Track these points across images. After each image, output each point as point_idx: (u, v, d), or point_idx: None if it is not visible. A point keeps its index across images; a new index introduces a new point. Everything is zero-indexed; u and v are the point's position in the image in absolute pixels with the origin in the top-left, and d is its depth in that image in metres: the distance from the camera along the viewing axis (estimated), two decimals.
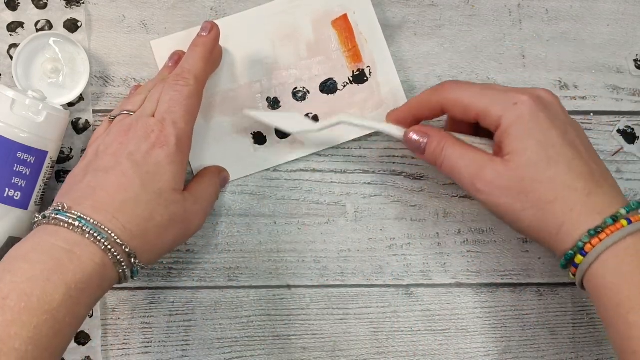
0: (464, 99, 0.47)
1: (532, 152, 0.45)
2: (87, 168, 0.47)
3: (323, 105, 0.56)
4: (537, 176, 0.45)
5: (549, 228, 0.45)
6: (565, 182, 0.45)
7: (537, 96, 0.47)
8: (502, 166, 0.46)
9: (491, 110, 0.46)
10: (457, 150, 0.48)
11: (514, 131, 0.46)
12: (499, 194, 0.46)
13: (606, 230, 0.43)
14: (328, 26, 0.56)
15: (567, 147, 0.45)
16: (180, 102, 0.48)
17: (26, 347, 0.39)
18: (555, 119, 0.46)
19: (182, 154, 0.48)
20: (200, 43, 0.52)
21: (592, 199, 0.44)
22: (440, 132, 0.49)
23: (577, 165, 0.45)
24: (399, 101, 0.56)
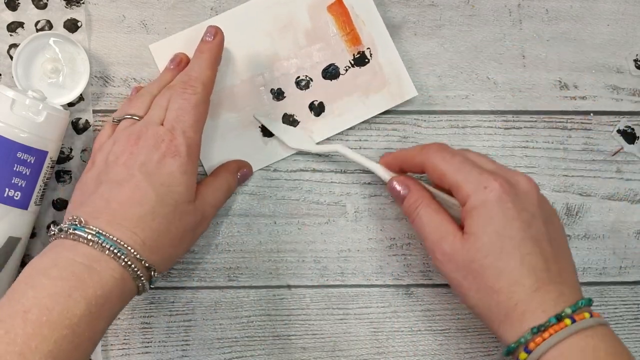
0: (441, 168, 0.48)
1: (488, 239, 0.45)
2: (99, 178, 0.47)
3: (327, 91, 0.56)
4: (488, 264, 0.45)
5: (492, 315, 0.46)
6: (514, 277, 0.45)
7: (510, 184, 0.46)
8: (459, 243, 0.46)
9: (462, 187, 0.46)
10: (428, 213, 0.48)
11: (476, 214, 0.46)
12: (451, 268, 0.47)
13: (549, 329, 0.43)
14: (324, 12, 0.56)
15: (526, 240, 0.45)
16: (188, 111, 0.48)
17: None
18: (523, 210, 0.46)
19: (192, 163, 0.48)
20: (206, 49, 0.52)
21: (539, 296, 0.44)
22: (420, 189, 0.50)
23: (530, 260, 0.45)
24: (402, 80, 0.56)
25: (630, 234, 0.58)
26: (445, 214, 0.48)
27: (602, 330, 0.44)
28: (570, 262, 0.47)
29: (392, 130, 0.57)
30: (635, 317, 0.58)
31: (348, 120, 0.56)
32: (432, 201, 0.49)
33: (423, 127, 0.57)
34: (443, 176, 0.47)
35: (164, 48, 0.55)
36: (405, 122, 0.57)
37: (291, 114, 0.56)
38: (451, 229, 0.47)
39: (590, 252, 0.58)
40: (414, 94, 0.56)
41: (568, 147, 0.58)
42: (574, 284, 0.46)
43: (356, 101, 0.56)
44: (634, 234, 0.58)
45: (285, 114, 0.56)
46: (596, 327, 0.44)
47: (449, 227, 0.47)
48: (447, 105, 0.57)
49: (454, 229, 0.47)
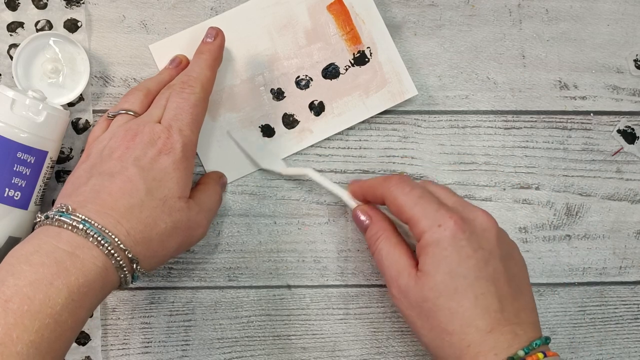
0: (399, 201, 0.47)
1: (440, 279, 0.45)
2: (92, 171, 0.47)
3: (327, 90, 0.56)
4: (440, 304, 0.45)
5: (444, 355, 0.45)
6: (466, 318, 0.44)
7: (467, 221, 0.46)
8: (413, 281, 0.46)
9: (418, 223, 0.46)
10: (387, 247, 0.48)
11: (430, 252, 0.45)
12: (406, 305, 0.47)
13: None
14: (324, 11, 0.56)
15: (480, 280, 0.45)
16: (186, 110, 0.48)
17: (28, 350, 0.39)
18: (479, 248, 0.45)
19: (187, 161, 0.48)
20: (206, 50, 0.52)
21: (493, 338, 0.44)
22: (382, 220, 0.50)
23: (484, 300, 0.44)
24: (402, 79, 0.56)
25: (630, 234, 0.58)
26: (404, 248, 0.48)
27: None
28: (530, 299, 0.47)
29: (392, 130, 0.57)
30: (635, 317, 0.58)
31: (348, 119, 0.56)
32: (392, 234, 0.49)
33: (423, 127, 0.57)
34: (401, 209, 0.47)
35: (164, 48, 0.55)
36: (405, 122, 0.57)
37: (291, 114, 0.56)
38: (407, 264, 0.47)
39: (590, 252, 0.58)
40: (414, 93, 0.56)
41: (568, 147, 0.58)
42: (531, 323, 0.46)
43: (356, 101, 0.56)
44: (634, 234, 0.58)
45: (285, 113, 0.56)
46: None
47: (406, 263, 0.47)
48: (447, 105, 0.57)
49: (410, 264, 0.47)
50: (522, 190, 0.57)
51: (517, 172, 0.57)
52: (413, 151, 0.57)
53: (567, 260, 0.57)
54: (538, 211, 0.57)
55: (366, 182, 0.51)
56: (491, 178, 0.57)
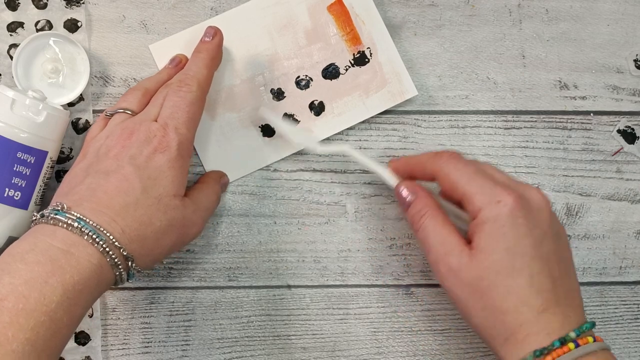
0: (453, 177, 0.47)
1: (498, 256, 0.44)
2: (88, 169, 0.47)
3: (327, 91, 0.56)
4: (496, 282, 0.44)
5: (495, 335, 0.45)
6: (522, 297, 0.44)
7: (524, 199, 0.45)
8: (467, 259, 0.45)
9: (474, 199, 0.45)
10: (434, 224, 0.47)
11: (487, 229, 0.45)
12: (457, 285, 0.46)
13: (553, 352, 0.43)
14: (324, 12, 0.56)
15: (536, 259, 0.44)
16: (182, 108, 0.49)
17: (23, 348, 0.39)
18: (535, 227, 0.45)
19: (183, 159, 0.48)
20: (203, 49, 0.52)
21: (545, 318, 0.44)
22: (428, 197, 0.48)
23: (539, 280, 0.44)
24: (402, 79, 0.56)
25: (630, 234, 0.58)
26: (452, 227, 0.47)
27: (604, 355, 0.44)
28: (576, 282, 0.47)
29: (392, 130, 0.57)
30: (635, 317, 0.58)
31: (348, 119, 0.56)
32: (439, 212, 0.48)
33: (423, 127, 0.57)
34: (454, 186, 0.46)
35: (164, 48, 0.55)
36: (405, 122, 0.57)
37: (291, 114, 0.56)
38: (458, 243, 0.46)
39: (590, 252, 0.58)
40: (414, 94, 0.56)
41: (568, 147, 0.58)
42: (578, 306, 0.46)
43: (356, 101, 0.56)
44: (634, 234, 0.58)
45: (285, 113, 0.56)
46: (599, 352, 0.43)
47: (456, 241, 0.46)
48: (447, 105, 0.57)
49: (461, 243, 0.46)
50: None
51: (517, 172, 0.57)
52: (413, 151, 0.57)
53: None
54: None
55: (413, 158, 0.50)
56: None
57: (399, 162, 0.51)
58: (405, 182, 0.50)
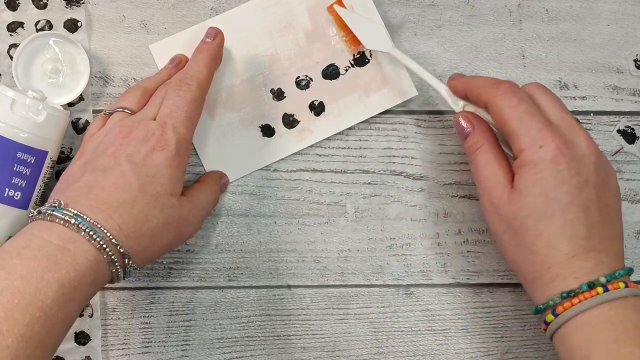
0: (504, 114, 0.47)
1: (533, 200, 0.45)
2: (85, 167, 0.47)
3: (327, 91, 0.56)
4: (527, 224, 0.45)
5: (526, 273, 0.46)
6: (552, 241, 0.45)
7: (569, 145, 0.45)
8: (506, 196, 0.46)
9: (518, 140, 0.46)
10: (486, 158, 0.48)
11: (526, 172, 0.45)
12: (495, 219, 0.47)
13: (580, 295, 0.43)
14: (324, 12, 0.56)
15: (572, 206, 0.45)
16: (181, 108, 0.49)
17: (18, 344, 0.39)
18: (575, 174, 0.45)
19: (180, 158, 0.48)
20: (204, 49, 0.52)
21: (575, 263, 0.44)
22: (485, 130, 0.49)
23: (573, 226, 0.45)
24: (402, 79, 0.56)
25: (630, 234, 0.58)
26: (503, 162, 0.48)
27: (636, 301, 0.44)
28: (619, 230, 0.47)
29: (392, 130, 0.57)
30: None
31: (348, 119, 0.56)
32: (493, 145, 0.48)
33: (423, 127, 0.57)
34: (505, 122, 0.47)
35: (164, 48, 0.55)
36: (405, 122, 0.57)
37: (291, 114, 0.56)
38: (503, 179, 0.47)
39: None
40: (414, 94, 0.56)
41: None
42: (615, 253, 0.46)
43: (356, 101, 0.56)
44: (634, 234, 0.58)
45: (285, 113, 0.56)
46: (629, 298, 0.43)
47: (502, 177, 0.47)
48: (447, 105, 0.57)
49: (506, 180, 0.47)
50: None
51: None
52: (413, 151, 0.57)
53: None
54: None
55: (472, 80, 0.50)
56: None
57: (459, 83, 0.51)
58: (464, 113, 0.50)
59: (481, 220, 0.57)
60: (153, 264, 0.55)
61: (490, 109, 0.48)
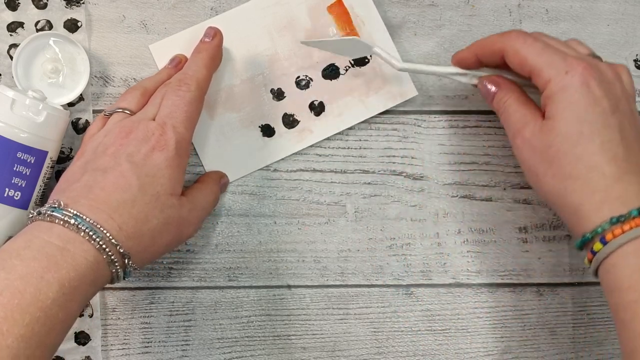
0: (523, 52, 0.47)
1: (567, 124, 0.44)
2: (85, 167, 0.47)
3: (327, 91, 0.56)
4: (565, 149, 0.44)
5: (567, 203, 0.44)
6: (593, 163, 0.43)
7: (596, 69, 0.45)
8: (538, 128, 0.46)
9: (543, 72, 0.46)
10: (516, 105, 0.48)
11: (556, 99, 0.45)
12: (528, 154, 0.46)
13: (630, 221, 0.42)
14: (324, 12, 0.56)
15: (607, 127, 0.44)
16: (181, 108, 0.49)
17: (18, 344, 0.39)
18: (605, 96, 0.44)
19: (180, 158, 0.48)
20: (203, 49, 0.52)
21: (620, 186, 0.43)
22: (509, 84, 0.49)
23: (612, 147, 0.43)
24: (402, 79, 0.56)
25: None
26: (532, 105, 0.47)
27: None
28: None
29: (392, 130, 0.57)
30: None
31: (348, 119, 0.56)
32: (520, 93, 0.48)
33: (423, 127, 0.57)
34: (524, 61, 0.46)
35: (164, 48, 0.55)
36: (405, 122, 0.57)
37: (291, 114, 0.56)
38: (533, 115, 0.46)
39: None
40: (413, 94, 0.56)
41: None
42: None
43: (356, 101, 0.56)
44: None
45: (285, 113, 0.56)
46: None
47: (532, 114, 0.46)
48: (447, 105, 0.57)
49: (537, 116, 0.46)
50: (522, 190, 0.57)
51: (517, 172, 0.57)
52: (413, 151, 0.57)
53: (567, 260, 0.57)
54: (538, 211, 0.57)
55: (479, 41, 0.50)
56: (491, 178, 0.57)
57: (465, 51, 0.51)
58: (487, 77, 0.50)
59: (481, 220, 0.57)
60: (153, 264, 0.55)
61: (506, 55, 0.48)
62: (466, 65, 0.51)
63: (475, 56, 0.50)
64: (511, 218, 0.57)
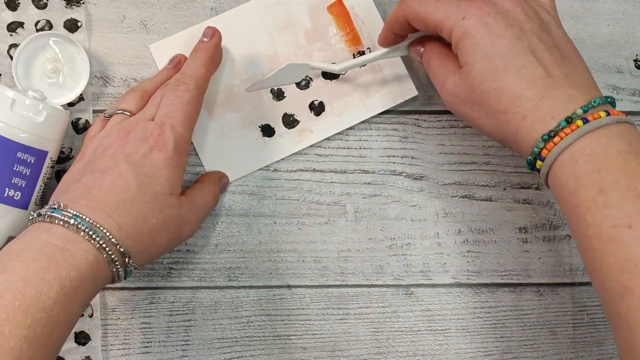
0: (420, 12, 0.47)
1: (480, 65, 0.45)
2: (85, 168, 0.47)
3: (327, 91, 0.56)
4: (486, 88, 0.45)
5: (506, 136, 0.46)
6: (515, 92, 0.44)
7: (487, 4, 0.46)
8: (458, 77, 0.47)
9: (443, 24, 0.46)
10: (437, 61, 0.49)
11: (462, 46, 0.46)
12: (458, 104, 0.47)
13: (560, 133, 0.43)
14: (324, 12, 0.56)
15: (518, 54, 0.45)
16: (179, 107, 0.49)
17: (21, 345, 0.39)
18: (508, 26, 0.45)
19: (179, 157, 0.48)
20: (201, 49, 0.52)
21: (546, 103, 0.44)
22: (432, 43, 0.50)
23: (528, 72, 0.44)
24: (402, 79, 0.56)
25: None
26: (451, 57, 0.48)
27: (619, 128, 0.43)
28: (580, 63, 0.46)
29: (392, 130, 0.57)
30: None
31: (348, 120, 0.56)
32: (441, 49, 0.49)
33: (423, 127, 0.57)
34: (426, 20, 0.47)
35: (164, 48, 0.55)
36: (405, 122, 0.57)
37: (291, 114, 0.56)
38: (453, 68, 0.47)
39: None
40: (414, 94, 0.56)
41: None
42: (586, 85, 0.45)
43: (356, 101, 0.56)
44: None
45: (285, 113, 0.56)
46: (612, 125, 0.43)
47: (452, 67, 0.48)
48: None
49: (455, 67, 0.47)
50: (522, 190, 0.57)
51: (517, 172, 0.57)
52: (413, 151, 0.57)
53: (567, 260, 0.57)
54: (538, 211, 0.57)
55: (387, 19, 0.51)
56: (491, 178, 0.57)
57: (382, 33, 0.52)
58: (413, 41, 0.52)
59: (481, 220, 0.57)
60: (153, 264, 0.55)
61: (410, 20, 0.48)
62: (390, 42, 0.52)
63: (392, 32, 0.51)
64: (511, 218, 0.57)
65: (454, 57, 0.48)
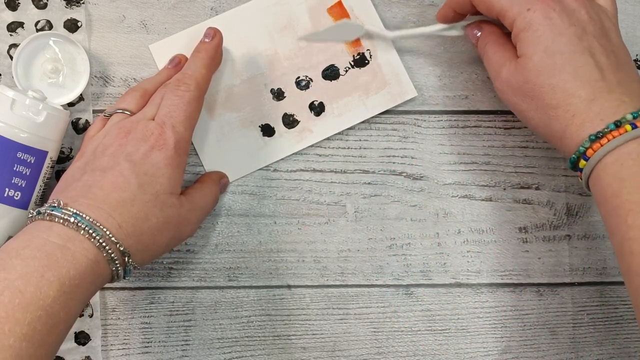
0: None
1: (538, 58, 0.46)
2: (85, 167, 0.47)
3: (327, 91, 0.56)
4: (541, 82, 0.46)
5: (553, 132, 0.47)
6: (568, 90, 0.45)
7: (556, 1, 0.47)
8: (514, 67, 0.48)
9: (507, 13, 0.47)
10: (494, 48, 0.50)
11: (523, 37, 0.47)
12: (510, 93, 0.48)
13: (608, 135, 0.44)
14: (324, 13, 0.56)
15: (577, 54, 0.46)
16: (180, 107, 0.49)
17: (20, 343, 0.39)
18: (570, 25, 0.46)
19: (179, 157, 0.48)
20: (202, 49, 0.52)
21: (597, 105, 0.45)
22: (490, 28, 0.51)
23: (584, 72, 0.45)
24: (401, 80, 0.56)
25: None
26: (509, 45, 0.49)
27: None
28: (632, 74, 0.47)
29: (392, 130, 0.57)
30: (635, 317, 0.58)
31: (348, 120, 0.56)
32: (499, 36, 0.50)
33: (423, 127, 0.57)
34: (489, 6, 0.48)
35: (164, 48, 0.55)
36: (405, 122, 0.57)
37: (291, 114, 0.56)
38: (510, 56, 0.48)
39: (590, 252, 0.58)
40: (413, 95, 0.56)
41: None
42: (637, 95, 0.46)
43: (356, 102, 0.56)
44: None
45: (285, 113, 0.56)
46: None
47: (508, 55, 0.48)
48: (447, 105, 0.57)
49: (512, 56, 0.48)
50: (522, 190, 0.57)
51: (517, 172, 0.57)
52: (413, 151, 0.57)
53: (567, 260, 0.57)
54: (538, 211, 0.57)
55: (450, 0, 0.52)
56: (491, 178, 0.57)
57: (442, 9, 0.53)
58: (470, 24, 0.52)
59: (481, 220, 0.57)
60: (153, 264, 0.55)
61: (475, 3, 0.49)
62: (449, 19, 0.53)
63: (453, 10, 0.52)
64: (511, 218, 0.57)
65: (511, 46, 0.49)
